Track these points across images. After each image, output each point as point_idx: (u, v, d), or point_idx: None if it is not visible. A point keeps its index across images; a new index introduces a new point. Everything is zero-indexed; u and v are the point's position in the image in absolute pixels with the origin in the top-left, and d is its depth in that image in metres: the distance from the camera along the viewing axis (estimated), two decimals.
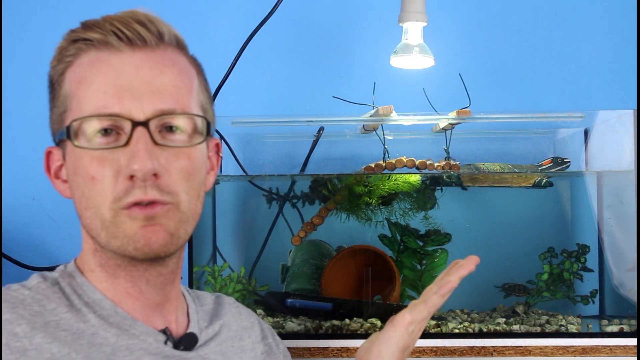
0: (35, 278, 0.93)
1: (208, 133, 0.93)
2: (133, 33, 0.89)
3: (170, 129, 0.89)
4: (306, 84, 1.86)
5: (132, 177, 0.86)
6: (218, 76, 1.63)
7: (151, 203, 0.87)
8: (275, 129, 1.77)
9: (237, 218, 1.77)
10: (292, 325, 1.49)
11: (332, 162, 1.76)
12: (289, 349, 1.35)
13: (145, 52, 0.89)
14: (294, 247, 1.71)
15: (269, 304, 1.58)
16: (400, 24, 1.62)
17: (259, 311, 1.57)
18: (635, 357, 1.42)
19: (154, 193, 0.86)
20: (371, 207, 1.65)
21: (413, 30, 1.61)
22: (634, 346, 1.42)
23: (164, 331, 0.94)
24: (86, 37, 0.89)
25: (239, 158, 1.69)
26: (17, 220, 1.79)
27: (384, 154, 1.64)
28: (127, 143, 0.86)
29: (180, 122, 0.90)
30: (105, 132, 0.87)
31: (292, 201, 1.72)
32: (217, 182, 1.68)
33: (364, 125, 1.65)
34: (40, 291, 0.90)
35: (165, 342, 0.93)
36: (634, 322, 1.50)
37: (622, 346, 1.43)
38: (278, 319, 1.53)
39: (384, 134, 1.65)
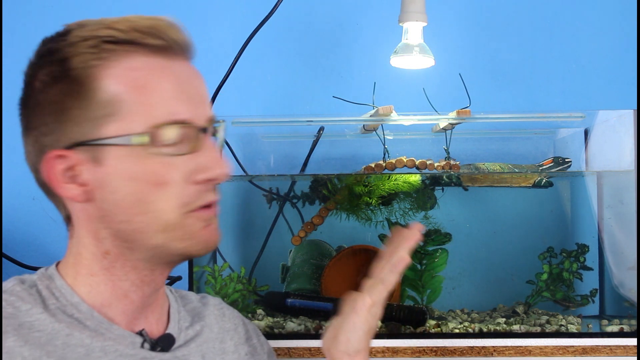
0: (11, 280, 0.92)
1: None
2: (183, 41, 0.92)
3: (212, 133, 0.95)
4: (306, 84, 1.86)
5: (204, 181, 0.90)
6: (218, 76, 1.63)
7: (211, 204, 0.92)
8: (275, 129, 1.77)
9: (237, 218, 1.77)
10: (292, 325, 1.49)
11: (332, 162, 1.76)
12: (289, 349, 1.35)
13: (187, 61, 0.93)
14: (294, 247, 1.71)
15: (269, 303, 1.58)
16: (400, 24, 1.62)
17: (259, 311, 1.57)
18: (635, 357, 1.42)
19: (214, 195, 0.92)
20: (371, 207, 1.65)
21: (413, 30, 1.61)
22: (634, 346, 1.42)
23: (141, 333, 0.94)
24: (142, 42, 0.88)
25: (239, 158, 1.69)
26: (17, 220, 1.79)
27: (384, 154, 1.64)
28: (195, 149, 0.89)
29: (217, 129, 0.95)
30: (175, 137, 0.89)
31: (292, 201, 1.72)
32: None
33: (364, 125, 1.65)
34: (15, 293, 0.90)
35: (142, 344, 0.93)
36: (634, 322, 1.50)
37: (622, 346, 1.43)
38: (278, 319, 1.53)
39: (384, 134, 1.65)
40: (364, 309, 1.05)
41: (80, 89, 0.87)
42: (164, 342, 0.96)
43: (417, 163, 1.60)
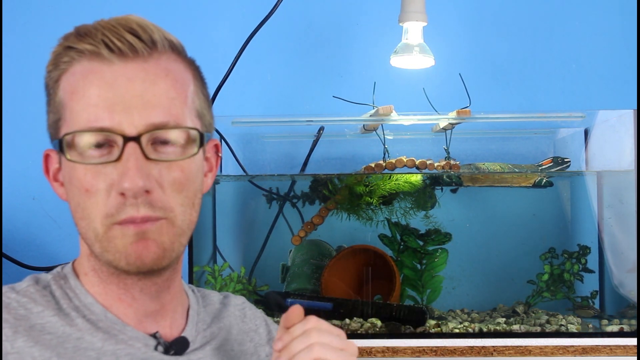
0: (26, 281, 0.92)
1: (202, 144, 0.91)
2: (124, 43, 0.86)
3: (163, 141, 0.87)
4: (306, 84, 1.86)
5: (123, 194, 0.85)
6: (218, 76, 1.63)
7: (144, 219, 0.86)
8: (275, 129, 1.77)
9: (237, 218, 1.77)
10: None
11: (332, 162, 1.76)
12: None
13: (137, 62, 0.87)
14: (294, 247, 1.71)
15: (269, 303, 1.58)
16: (400, 24, 1.62)
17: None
18: (635, 357, 1.42)
19: (145, 210, 0.85)
20: (371, 207, 1.65)
21: (413, 30, 1.61)
22: (634, 346, 1.42)
23: (155, 335, 0.93)
24: (78, 47, 0.88)
25: (239, 158, 1.69)
26: (17, 220, 1.79)
27: (384, 154, 1.64)
28: (119, 158, 0.85)
29: (173, 135, 0.87)
30: (98, 144, 0.86)
31: (292, 201, 1.72)
32: (217, 182, 1.68)
33: (364, 125, 1.65)
34: (28, 294, 0.89)
35: (156, 347, 0.92)
36: (633, 322, 1.50)
37: (622, 346, 1.43)
38: (278, 319, 1.53)
39: (384, 134, 1.65)
40: None
41: (48, 95, 0.91)
42: (178, 346, 0.95)
43: (417, 163, 1.60)
